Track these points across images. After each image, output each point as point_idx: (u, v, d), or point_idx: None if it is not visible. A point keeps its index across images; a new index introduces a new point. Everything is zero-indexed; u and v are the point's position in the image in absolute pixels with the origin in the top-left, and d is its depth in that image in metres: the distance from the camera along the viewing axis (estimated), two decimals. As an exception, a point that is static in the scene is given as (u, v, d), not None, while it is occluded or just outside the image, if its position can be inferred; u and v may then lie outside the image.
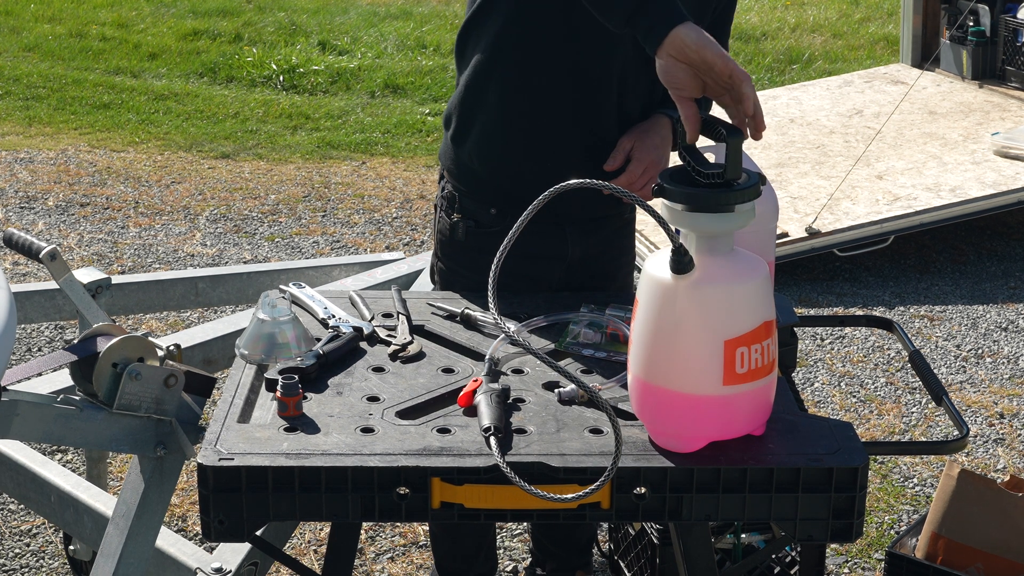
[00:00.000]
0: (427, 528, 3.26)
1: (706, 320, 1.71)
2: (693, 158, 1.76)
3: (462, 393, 1.92)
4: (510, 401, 1.92)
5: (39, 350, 4.41)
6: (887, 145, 6.02)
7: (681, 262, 1.70)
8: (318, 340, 2.10)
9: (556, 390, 1.96)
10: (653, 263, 1.75)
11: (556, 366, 1.72)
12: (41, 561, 3.24)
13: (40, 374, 2.33)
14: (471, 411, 1.88)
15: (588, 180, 1.76)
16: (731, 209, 1.72)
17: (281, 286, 2.36)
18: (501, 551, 3.28)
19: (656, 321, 1.74)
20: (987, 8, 6.79)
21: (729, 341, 1.71)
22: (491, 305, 1.78)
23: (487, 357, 2.03)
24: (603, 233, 2.49)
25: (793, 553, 2.86)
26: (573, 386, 1.93)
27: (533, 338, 2.16)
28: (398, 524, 3.36)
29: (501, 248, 1.77)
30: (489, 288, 1.79)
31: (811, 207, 5.30)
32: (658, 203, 1.80)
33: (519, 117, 2.36)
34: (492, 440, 1.76)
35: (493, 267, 1.79)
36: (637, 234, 4.66)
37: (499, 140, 2.38)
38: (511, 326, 2.13)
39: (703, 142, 1.84)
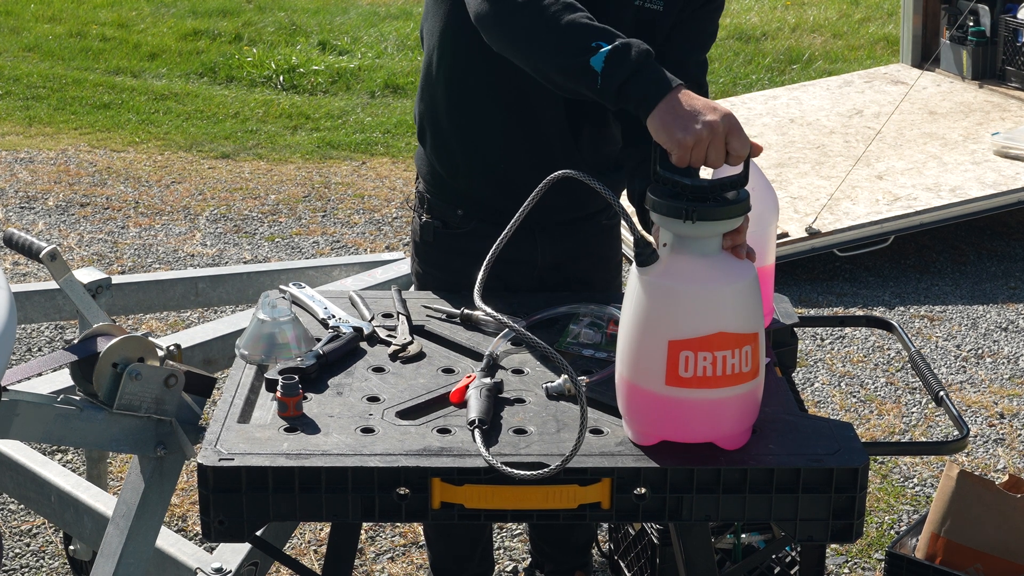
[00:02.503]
0: (427, 528, 3.26)
1: (652, 315, 1.73)
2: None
3: (454, 389, 1.92)
4: (502, 395, 1.92)
5: (39, 350, 4.41)
6: (887, 145, 6.02)
7: (643, 254, 1.74)
8: (318, 340, 2.10)
9: (544, 385, 1.96)
10: None
11: (547, 348, 1.72)
12: (41, 561, 3.24)
13: (40, 374, 2.33)
14: (462, 407, 1.89)
15: (574, 171, 1.79)
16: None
17: (281, 286, 2.36)
18: (501, 551, 3.28)
19: (625, 311, 1.78)
20: (987, 8, 6.78)
21: (673, 342, 1.71)
22: (477, 298, 1.80)
23: (487, 354, 2.03)
24: (576, 238, 2.46)
25: (793, 553, 2.86)
26: (560, 381, 1.95)
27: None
28: (398, 524, 3.36)
29: (493, 248, 1.82)
30: (476, 287, 1.83)
31: (811, 207, 5.30)
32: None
33: (464, 119, 2.34)
34: (476, 433, 1.77)
35: (483, 267, 1.85)
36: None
37: (450, 142, 2.38)
38: (510, 320, 2.12)
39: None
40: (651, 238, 1.85)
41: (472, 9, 2.09)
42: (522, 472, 1.70)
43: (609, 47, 1.89)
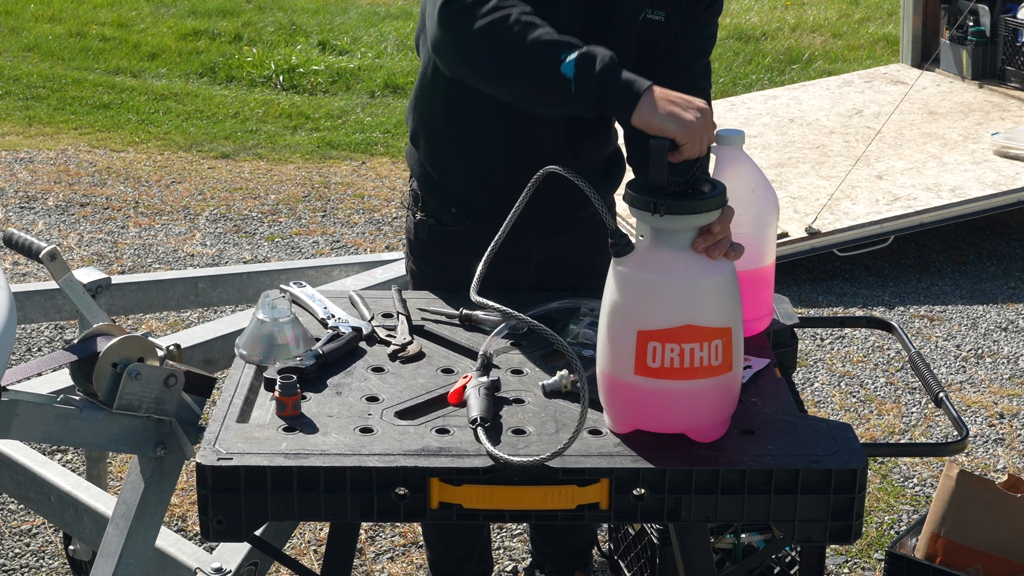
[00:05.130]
0: (427, 528, 3.26)
1: (624, 305, 1.77)
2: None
3: (452, 390, 1.92)
4: (500, 394, 1.93)
5: (39, 350, 4.41)
6: (887, 145, 6.02)
7: (618, 245, 1.78)
8: (317, 340, 2.10)
9: (540, 383, 1.97)
10: None
11: (548, 331, 1.74)
12: (41, 561, 3.24)
13: (40, 374, 2.33)
14: (461, 407, 1.89)
15: (559, 168, 1.82)
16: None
17: (282, 285, 2.36)
18: (501, 551, 3.28)
19: (603, 301, 1.82)
20: (987, 8, 6.78)
21: (642, 332, 1.74)
22: (474, 297, 1.83)
23: (480, 353, 2.04)
24: (571, 234, 2.46)
25: (793, 553, 2.86)
26: (556, 378, 1.96)
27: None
28: (398, 524, 3.37)
29: (484, 257, 1.88)
30: (472, 290, 1.86)
31: (811, 207, 5.30)
32: None
33: (461, 128, 2.35)
34: (480, 431, 1.78)
35: (476, 277, 1.89)
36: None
37: (445, 149, 2.39)
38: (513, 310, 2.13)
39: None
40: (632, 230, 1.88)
41: (430, 38, 2.09)
42: (524, 459, 1.71)
43: (576, 53, 1.92)
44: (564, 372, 1.97)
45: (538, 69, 1.95)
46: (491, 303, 1.85)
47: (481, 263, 1.96)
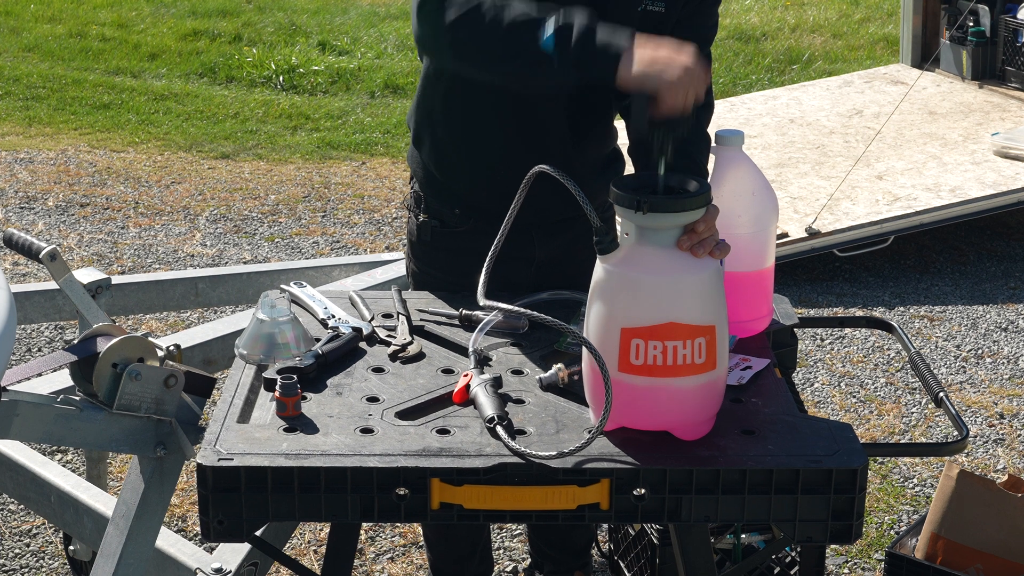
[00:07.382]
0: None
1: (608, 302, 1.78)
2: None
3: (456, 389, 1.92)
4: (500, 391, 1.93)
5: (39, 350, 4.41)
6: (887, 145, 6.02)
7: (602, 242, 1.78)
8: (317, 340, 2.10)
9: (537, 377, 1.97)
10: None
11: (564, 326, 1.74)
12: (41, 561, 3.24)
13: (40, 374, 2.33)
14: (466, 406, 1.89)
15: (548, 168, 1.85)
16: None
17: (282, 285, 2.36)
18: (501, 551, 3.28)
19: (589, 297, 1.82)
20: (987, 8, 6.78)
21: (625, 329, 1.75)
22: (481, 299, 1.83)
23: (470, 349, 2.03)
24: (571, 233, 2.46)
25: (793, 553, 2.86)
26: (553, 371, 1.97)
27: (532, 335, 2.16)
28: (398, 524, 3.37)
29: (489, 255, 1.90)
30: (480, 291, 1.85)
31: (811, 207, 5.30)
32: None
33: (464, 126, 2.35)
34: (499, 428, 1.78)
35: (484, 270, 1.89)
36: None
37: (449, 150, 2.39)
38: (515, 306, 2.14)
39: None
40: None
41: (414, 34, 2.13)
42: (548, 455, 1.72)
43: (553, 28, 1.95)
44: (560, 365, 1.98)
45: (519, 52, 1.98)
46: (501, 304, 1.85)
47: (484, 269, 1.96)
